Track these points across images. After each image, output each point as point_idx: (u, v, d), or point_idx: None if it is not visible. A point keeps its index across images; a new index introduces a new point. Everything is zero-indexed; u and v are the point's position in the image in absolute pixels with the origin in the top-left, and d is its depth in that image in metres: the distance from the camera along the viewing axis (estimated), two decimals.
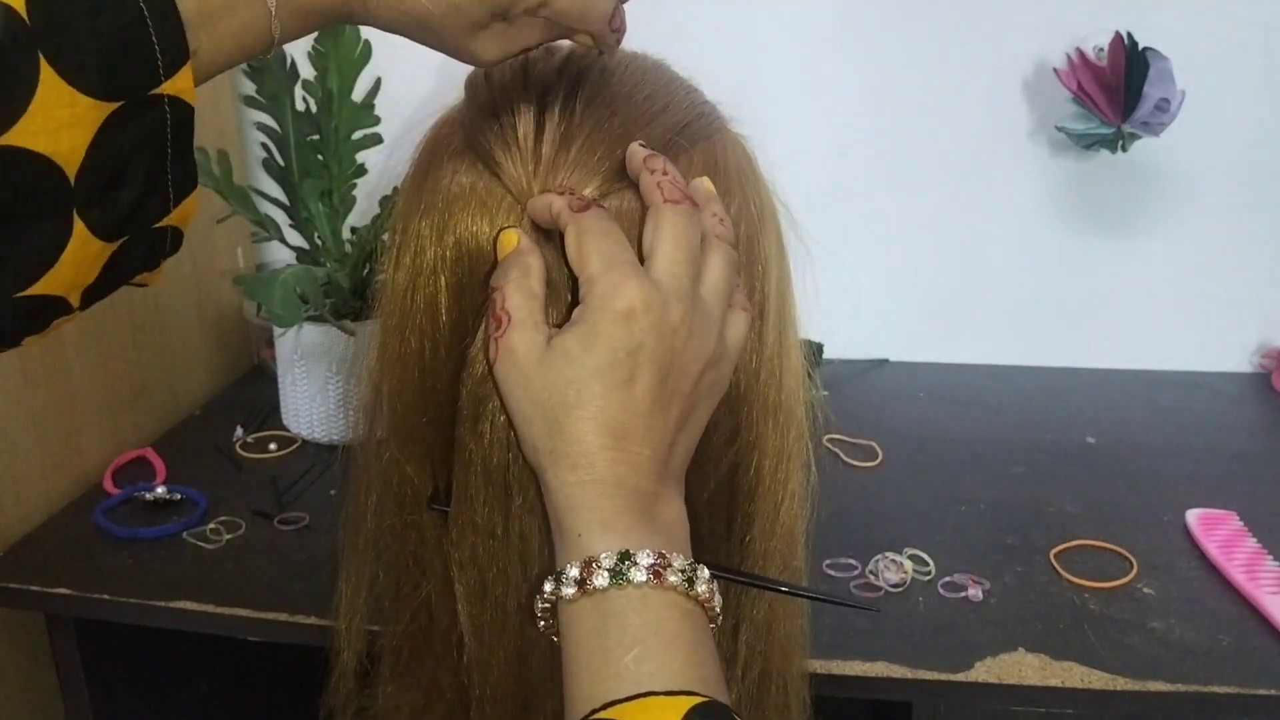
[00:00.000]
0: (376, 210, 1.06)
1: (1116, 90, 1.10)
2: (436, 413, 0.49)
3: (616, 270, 0.42)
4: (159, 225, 0.43)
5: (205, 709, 1.10)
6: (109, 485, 1.01)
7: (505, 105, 0.48)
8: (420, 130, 0.52)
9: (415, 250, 0.48)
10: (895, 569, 0.85)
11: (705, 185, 0.48)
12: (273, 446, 1.10)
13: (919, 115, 1.23)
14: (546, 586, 0.42)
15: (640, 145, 0.46)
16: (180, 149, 0.41)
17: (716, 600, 0.42)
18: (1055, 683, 0.74)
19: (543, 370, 0.42)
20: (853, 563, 0.87)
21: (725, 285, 0.45)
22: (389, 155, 0.86)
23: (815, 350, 1.21)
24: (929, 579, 0.85)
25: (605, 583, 0.40)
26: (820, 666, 0.74)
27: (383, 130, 1.04)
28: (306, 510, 0.96)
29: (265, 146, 1.05)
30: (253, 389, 1.24)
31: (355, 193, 1.07)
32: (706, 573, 0.42)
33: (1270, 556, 0.86)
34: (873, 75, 1.22)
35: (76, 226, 0.39)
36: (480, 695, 0.48)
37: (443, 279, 0.48)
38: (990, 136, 1.23)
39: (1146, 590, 0.84)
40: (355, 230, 1.07)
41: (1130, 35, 1.09)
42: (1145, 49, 1.09)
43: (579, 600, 0.40)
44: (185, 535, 0.92)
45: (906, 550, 0.87)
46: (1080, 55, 1.14)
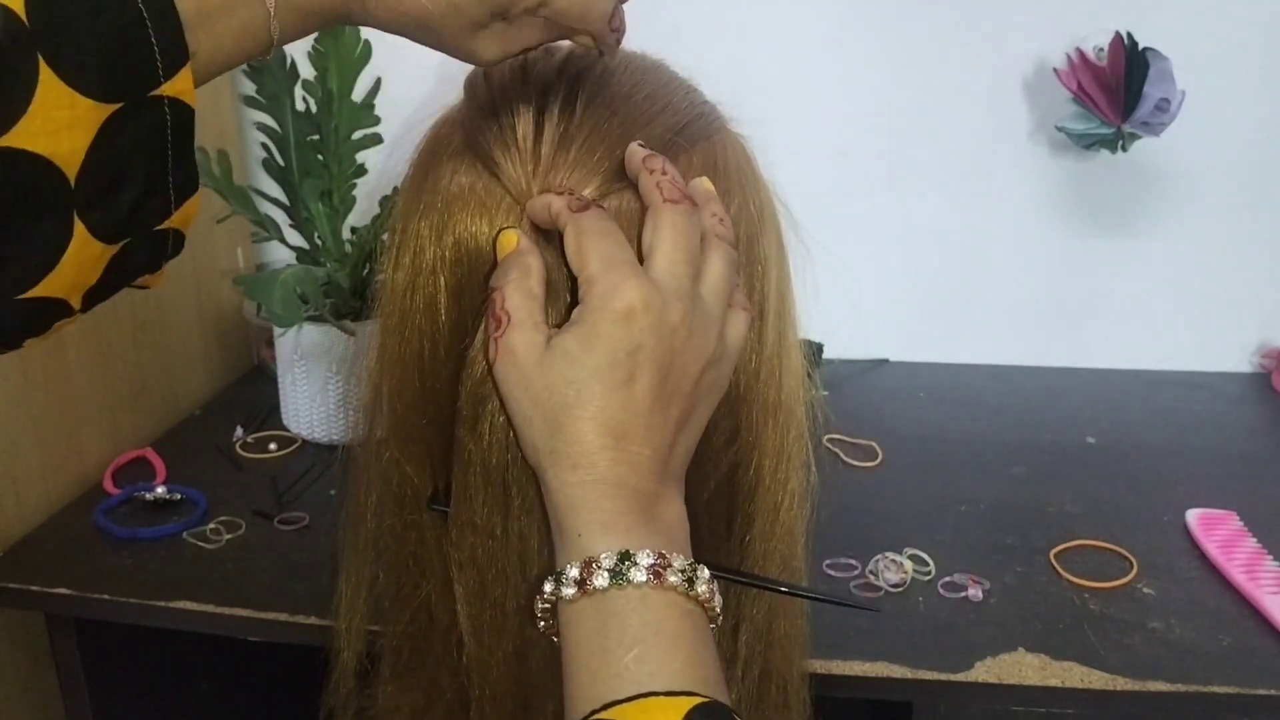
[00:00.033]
0: (376, 210, 1.06)
1: (1116, 90, 1.10)
2: (436, 413, 0.49)
3: (616, 270, 0.42)
4: (160, 228, 0.43)
5: (205, 709, 1.10)
6: (109, 485, 1.01)
7: (505, 105, 0.48)
8: (420, 130, 0.52)
9: (415, 250, 0.48)
10: (895, 569, 0.85)
11: (705, 185, 0.48)
12: (273, 446, 1.10)
13: (919, 115, 1.23)
14: (547, 587, 0.42)
15: (639, 145, 0.46)
16: (181, 150, 0.41)
17: (717, 600, 0.42)
18: (1055, 683, 0.74)
19: (543, 370, 0.42)
20: (853, 563, 0.87)
21: (725, 285, 0.45)
22: (389, 155, 0.86)
23: (815, 350, 1.21)
24: (929, 579, 0.85)
25: (605, 583, 0.40)
26: (820, 666, 0.74)
27: (383, 130, 1.04)
28: (306, 510, 0.96)
29: (265, 146, 1.05)
30: (253, 389, 1.24)
31: (355, 193, 1.07)
32: (707, 573, 0.42)
33: (1270, 556, 0.86)
34: (873, 75, 1.22)
35: (77, 228, 0.39)
36: (480, 695, 0.48)
37: (442, 279, 0.48)
38: (990, 136, 1.23)
39: (1146, 590, 0.84)
40: (355, 230, 1.07)
41: (1130, 35, 1.09)
42: (1145, 49, 1.09)
43: (579, 600, 0.40)
44: (185, 535, 0.92)
45: (906, 550, 0.87)
46: (1080, 55, 1.14)
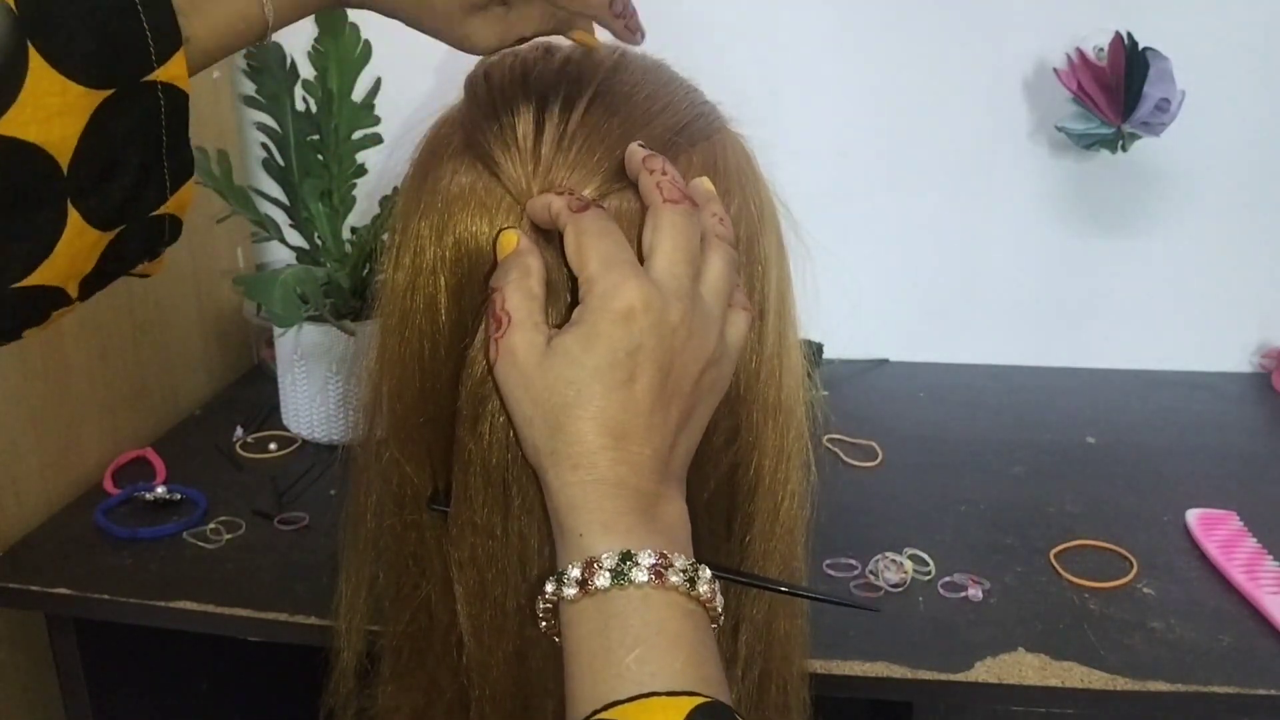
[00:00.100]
0: (376, 210, 1.05)
1: (1116, 90, 1.10)
2: (436, 413, 0.49)
3: (616, 270, 0.42)
4: (156, 214, 0.42)
5: (205, 709, 1.10)
6: (109, 485, 1.01)
7: (505, 105, 0.48)
8: (420, 130, 0.52)
9: (415, 250, 0.48)
10: (895, 569, 0.85)
11: (705, 185, 0.48)
12: (273, 446, 1.10)
13: (919, 115, 1.23)
14: (548, 587, 0.42)
15: (640, 145, 0.46)
16: (175, 136, 0.41)
17: (718, 600, 0.42)
18: (1055, 683, 0.74)
19: (543, 371, 0.42)
20: (853, 563, 0.87)
21: (725, 285, 0.45)
22: (389, 155, 0.86)
23: (815, 350, 1.21)
24: (929, 579, 0.85)
25: (607, 583, 0.40)
26: (820, 666, 0.74)
27: (383, 130, 1.04)
28: (306, 510, 0.96)
29: (265, 146, 1.05)
30: (253, 389, 1.24)
31: (355, 193, 1.06)
32: (708, 573, 0.42)
33: (1270, 556, 0.86)
34: (873, 75, 1.22)
35: (71, 216, 0.39)
36: (480, 695, 0.48)
37: (442, 279, 0.48)
38: (990, 136, 1.23)
39: (1146, 590, 0.84)
40: (355, 230, 1.07)
41: (1130, 35, 1.09)
42: (1145, 49, 1.09)
43: (580, 600, 0.40)
44: (185, 535, 0.92)
45: (906, 550, 0.87)
46: (1080, 55, 1.14)
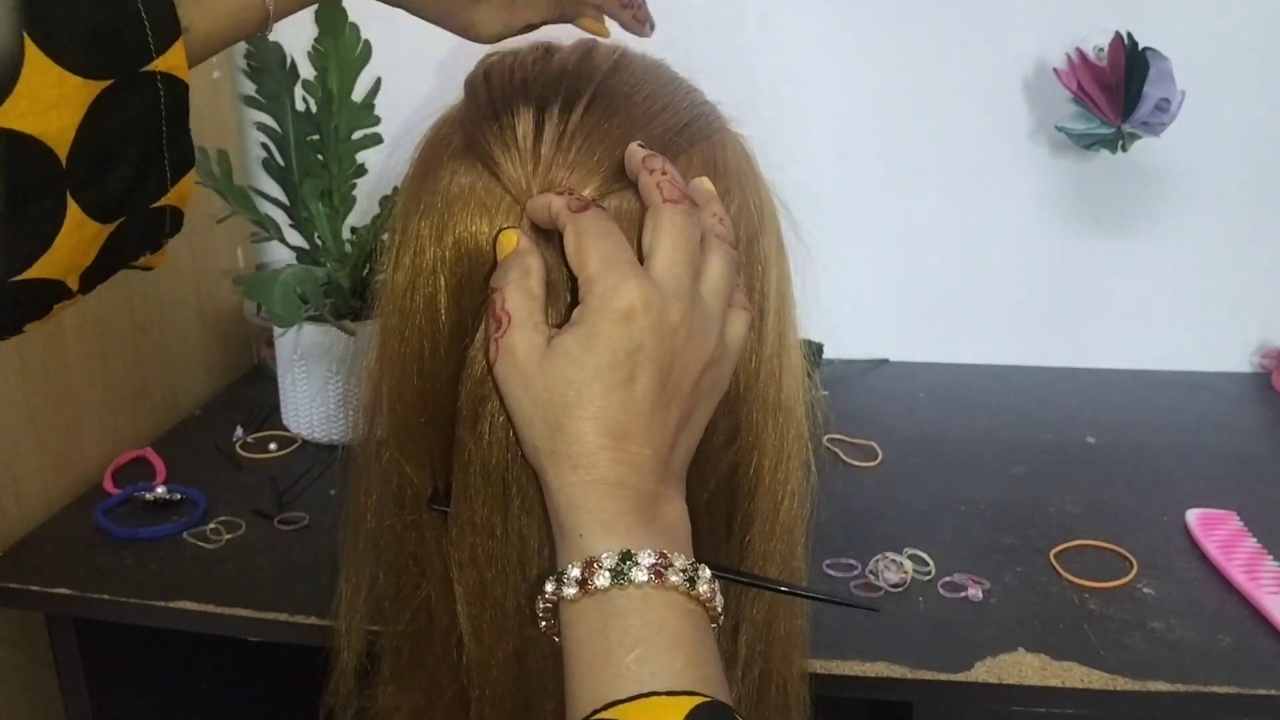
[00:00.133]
0: (376, 210, 1.06)
1: (1116, 90, 1.10)
2: (436, 413, 0.49)
3: (616, 270, 0.42)
4: (157, 205, 0.42)
5: (205, 709, 1.10)
6: (109, 485, 1.01)
7: (504, 105, 0.48)
8: (420, 130, 0.52)
9: (415, 250, 0.48)
10: (895, 569, 0.85)
11: (705, 185, 0.48)
12: (273, 446, 1.10)
13: (919, 115, 1.23)
14: (548, 587, 0.42)
15: (639, 145, 0.46)
16: (175, 127, 0.40)
17: (718, 600, 0.42)
18: (1055, 683, 0.74)
19: (543, 371, 0.42)
20: (853, 563, 0.87)
21: (725, 285, 0.45)
22: (389, 155, 0.86)
23: (815, 350, 1.21)
24: (929, 579, 0.85)
25: (607, 583, 0.40)
26: (820, 666, 0.74)
27: (383, 130, 1.04)
28: (306, 510, 0.96)
29: (265, 146, 1.05)
30: (253, 389, 1.24)
31: (355, 193, 1.07)
32: (708, 572, 0.42)
33: (1270, 556, 0.86)
34: (873, 75, 1.22)
35: (70, 208, 0.39)
36: (480, 695, 0.48)
37: (442, 279, 0.48)
38: (990, 136, 1.23)
39: (1146, 590, 0.84)
40: (355, 230, 1.07)
41: (1130, 35, 1.09)
42: (1145, 49, 1.09)
43: (580, 600, 0.40)
44: (185, 535, 0.92)
45: (906, 550, 0.87)
46: (1080, 55, 1.14)
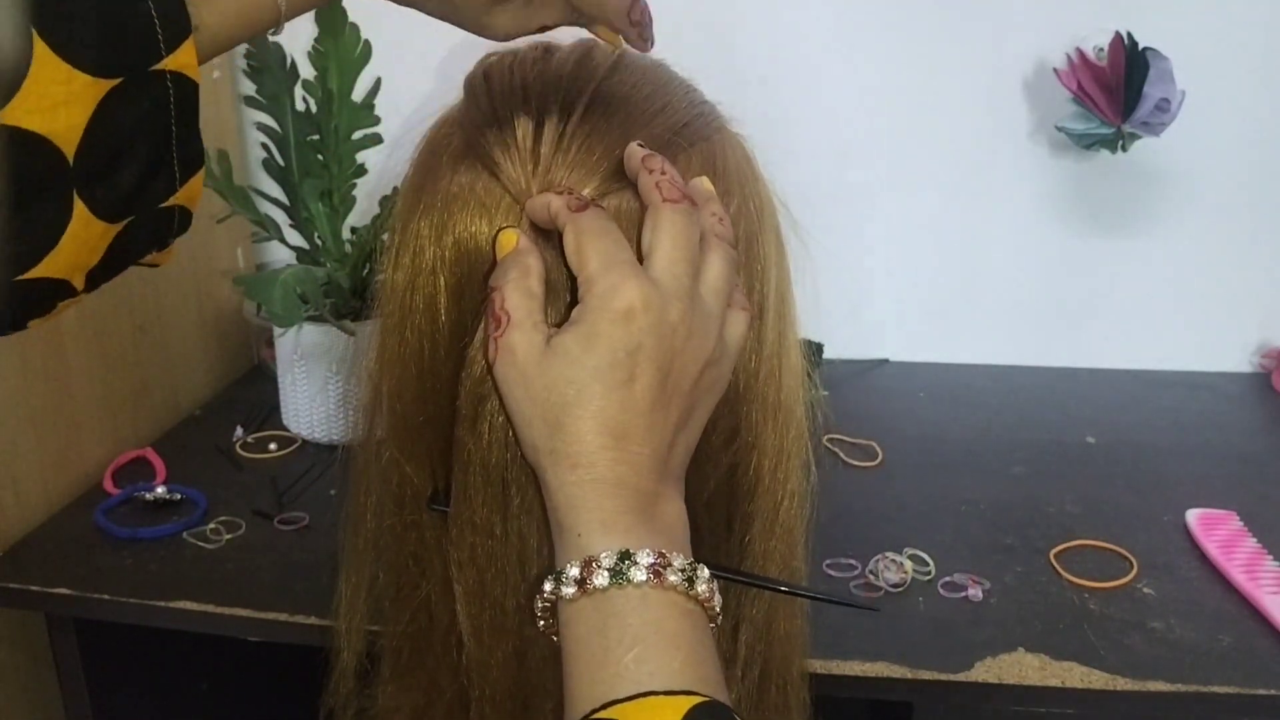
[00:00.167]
0: (376, 210, 1.05)
1: (1116, 90, 1.10)
2: (436, 413, 0.49)
3: (615, 270, 0.42)
4: (165, 205, 0.41)
5: (205, 709, 1.10)
6: (109, 485, 1.01)
7: (504, 106, 0.48)
8: (420, 130, 0.52)
9: (414, 250, 0.48)
10: (895, 569, 0.85)
11: (704, 185, 0.48)
12: (273, 446, 1.10)
13: (919, 115, 1.23)
14: (546, 586, 0.42)
15: (639, 145, 0.46)
16: (185, 126, 0.40)
17: (716, 600, 0.42)
18: (1055, 683, 0.74)
19: (542, 370, 0.42)
20: (853, 563, 0.87)
21: (724, 284, 0.45)
22: (389, 155, 0.86)
23: (815, 350, 1.21)
24: (929, 579, 0.85)
25: (605, 582, 0.40)
26: (820, 666, 0.74)
27: (383, 130, 1.04)
28: (306, 510, 0.96)
29: (265, 146, 1.05)
30: (253, 389, 1.24)
31: (355, 193, 1.06)
32: (706, 572, 0.42)
33: (1270, 556, 0.86)
34: (873, 75, 1.22)
35: (77, 208, 0.38)
36: (480, 695, 0.48)
37: (442, 279, 0.48)
38: (990, 136, 1.23)
39: (1146, 590, 0.84)
40: (355, 230, 1.07)
41: (1130, 35, 1.09)
42: (1145, 49, 1.09)
43: (579, 600, 0.40)
44: (185, 535, 0.92)
45: (906, 550, 0.87)
46: (1080, 55, 1.14)
